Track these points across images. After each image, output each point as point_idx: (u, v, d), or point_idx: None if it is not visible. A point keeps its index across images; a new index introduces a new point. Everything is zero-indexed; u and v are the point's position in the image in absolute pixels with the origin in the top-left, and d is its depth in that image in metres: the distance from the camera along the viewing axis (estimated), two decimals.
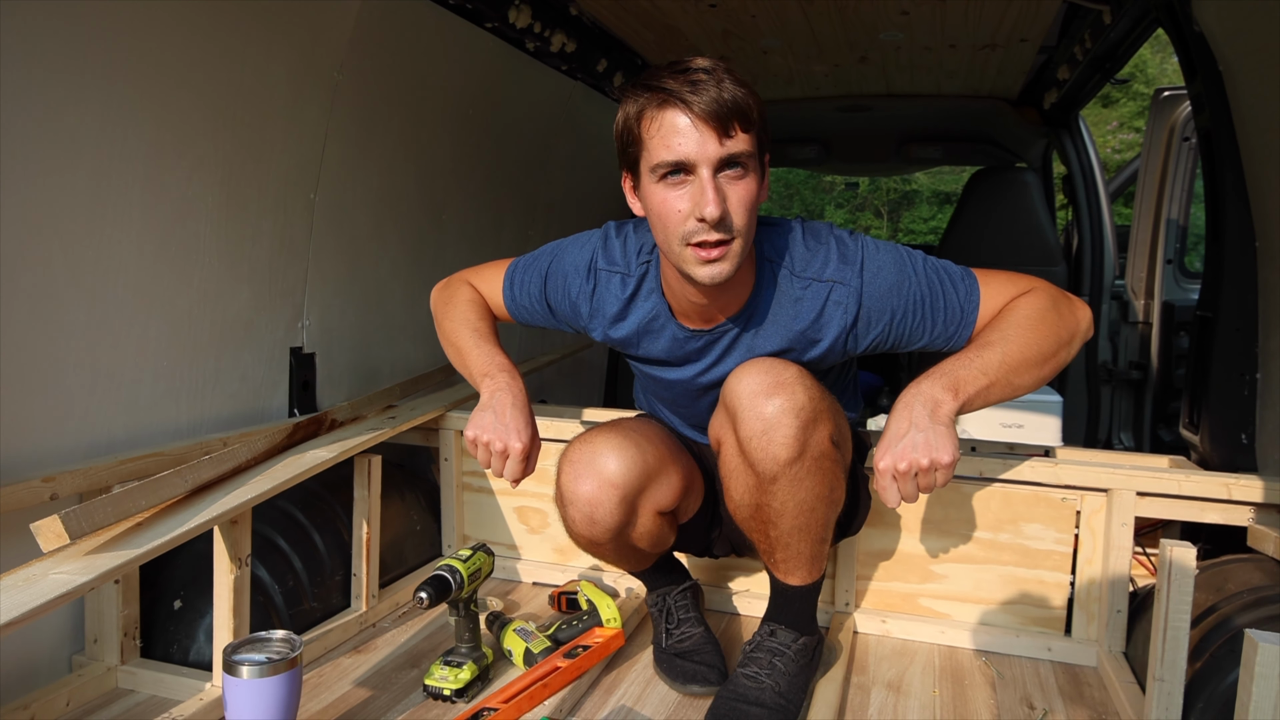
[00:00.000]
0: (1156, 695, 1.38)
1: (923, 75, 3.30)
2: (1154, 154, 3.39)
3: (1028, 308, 1.36)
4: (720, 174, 1.25)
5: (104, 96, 1.54)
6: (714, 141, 1.22)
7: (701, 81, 1.22)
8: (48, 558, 1.28)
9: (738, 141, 1.23)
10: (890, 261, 1.40)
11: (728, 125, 1.22)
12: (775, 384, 1.34)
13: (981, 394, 1.27)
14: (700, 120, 1.21)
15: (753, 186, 1.27)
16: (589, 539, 1.55)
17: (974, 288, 1.41)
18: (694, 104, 1.21)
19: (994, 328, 1.35)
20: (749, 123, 1.24)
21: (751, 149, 1.25)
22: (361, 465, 1.89)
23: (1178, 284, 3.42)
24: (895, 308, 1.40)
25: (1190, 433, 2.10)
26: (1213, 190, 1.97)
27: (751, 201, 1.27)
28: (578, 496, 1.50)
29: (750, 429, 1.35)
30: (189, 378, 1.81)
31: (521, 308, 1.63)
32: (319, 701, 1.56)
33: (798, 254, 1.41)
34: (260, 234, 1.95)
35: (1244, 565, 1.65)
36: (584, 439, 1.54)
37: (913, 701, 1.61)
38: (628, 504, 1.50)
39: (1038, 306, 1.36)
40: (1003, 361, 1.29)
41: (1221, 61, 1.81)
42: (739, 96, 1.22)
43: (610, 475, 1.48)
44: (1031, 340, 1.31)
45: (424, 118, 2.45)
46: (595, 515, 1.50)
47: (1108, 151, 12.09)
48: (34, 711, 1.45)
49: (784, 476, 1.36)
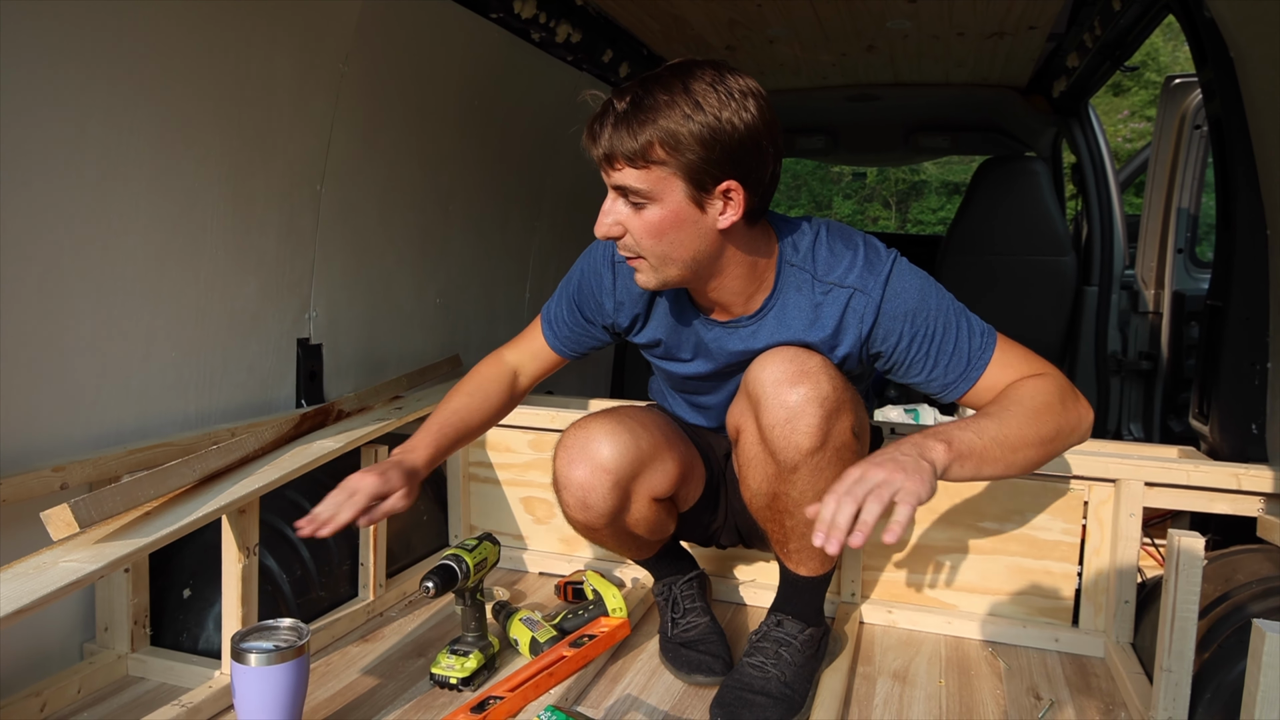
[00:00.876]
0: (1164, 686, 1.37)
1: (931, 64, 3.27)
2: (1164, 142, 3.36)
3: (1037, 390, 1.29)
4: (622, 199, 1.30)
5: (110, 89, 1.55)
6: (607, 170, 1.30)
7: (605, 116, 1.28)
8: (57, 546, 1.29)
9: (623, 175, 1.27)
10: (915, 286, 1.37)
11: (612, 161, 1.27)
12: (800, 372, 1.34)
13: (976, 456, 1.19)
14: (597, 155, 1.30)
15: (654, 216, 1.28)
16: (584, 524, 1.57)
17: (990, 346, 1.36)
18: (590, 135, 1.30)
19: (999, 403, 1.29)
20: (637, 159, 1.25)
21: (644, 185, 1.26)
22: (369, 456, 1.90)
23: (1188, 273, 3.40)
24: (905, 332, 1.36)
25: (1200, 423, 2.09)
26: (1223, 178, 1.95)
27: (653, 231, 1.29)
28: (571, 481, 1.52)
29: (773, 417, 1.35)
30: (197, 368, 1.82)
31: (565, 340, 1.63)
32: (327, 690, 1.57)
33: (821, 257, 1.40)
34: (267, 225, 1.96)
35: (1253, 555, 1.64)
36: (579, 425, 1.56)
37: (919, 692, 1.61)
38: (621, 489, 1.51)
39: (1047, 392, 1.29)
40: (1000, 435, 1.22)
41: (1233, 48, 1.79)
42: (627, 140, 1.24)
43: (603, 460, 1.49)
44: (1033, 423, 1.25)
45: (430, 109, 2.45)
46: (588, 500, 1.51)
47: (1118, 140, 12.00)
48: (46, 699, 1.46)
49: (805, 466, 1.36)
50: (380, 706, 1.52)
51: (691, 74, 1.25)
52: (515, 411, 2.16)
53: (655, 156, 1.24)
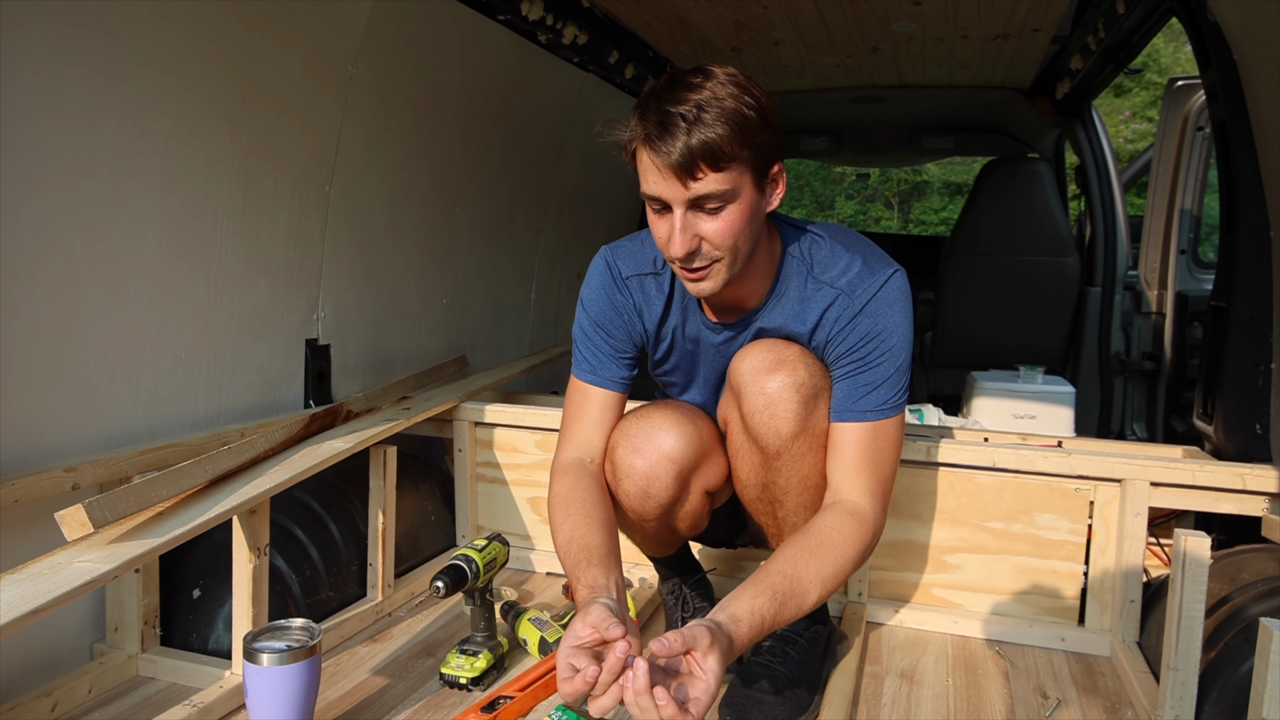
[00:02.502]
0: (1171, 685, 1.38)
1: (935, 66, 3.29)
2: (1167, 144, 3.37)
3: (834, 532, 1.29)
4: (693, 211, 1.25)
5: (122, 91, 1.56)
6: (680, 187, 1.23)
7: (674, 126, 1.20)
8: (71, 546, 1.29)
9: (706, 183, 1.22)
10: (894, 324, 1.37)
11: (693, 170, 1.21)
12: (777, 361, 1.37)
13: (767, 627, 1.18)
14: (666, 169, 1.22)
15: (734, 215, 1.26)
16: (639, 515, 1.51)
17: (885, 414, 1.37)
18: (659, 151, 1.21)
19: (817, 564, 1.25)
20: (720, 160, 1.21)
21: (726, 186, 1.23)
22: (377, 456, 1.91)
23: (1191, 274, 3.41)
24: (857, 345, 1.38)
25: (1204, 423, 2.09)
26: (1227, 180, 1.96)
27: (733, 229, 1.26)
28: (634, 470, 1.48)
29: (753, 404, 1.38)
30: (207, 369, 1.83)
31: (611, 379, 1.53)
32: (337, 690, 1.58)
33: (820, 257, 1.42)
34: (276, 226, 1.97)
35: (1258, 555, 1.65)
36: (640, 414, 1.53)
37: (926, 690, 1.62)
38: (682, 480, 1.49)
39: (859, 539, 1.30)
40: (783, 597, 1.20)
41: (1236, 51, 1.80)
42: (710, 140, 1.20)
43: (669, 450, 1.47)
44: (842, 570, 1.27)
45: (437, 110, 2.46)
46: (651, 490, 1.48)
47: (1120, 141, 12.00)
48: (57, 699, 1.47)
49: (787, 451, 1.38)
50: (390, 706, 1.53)
51: (704, 73, 1.25)
52: (522, 411, 2.19)
53: (732, 152, 1.22)
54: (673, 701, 1.03)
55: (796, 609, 1.21)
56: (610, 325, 1.52)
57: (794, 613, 1.21)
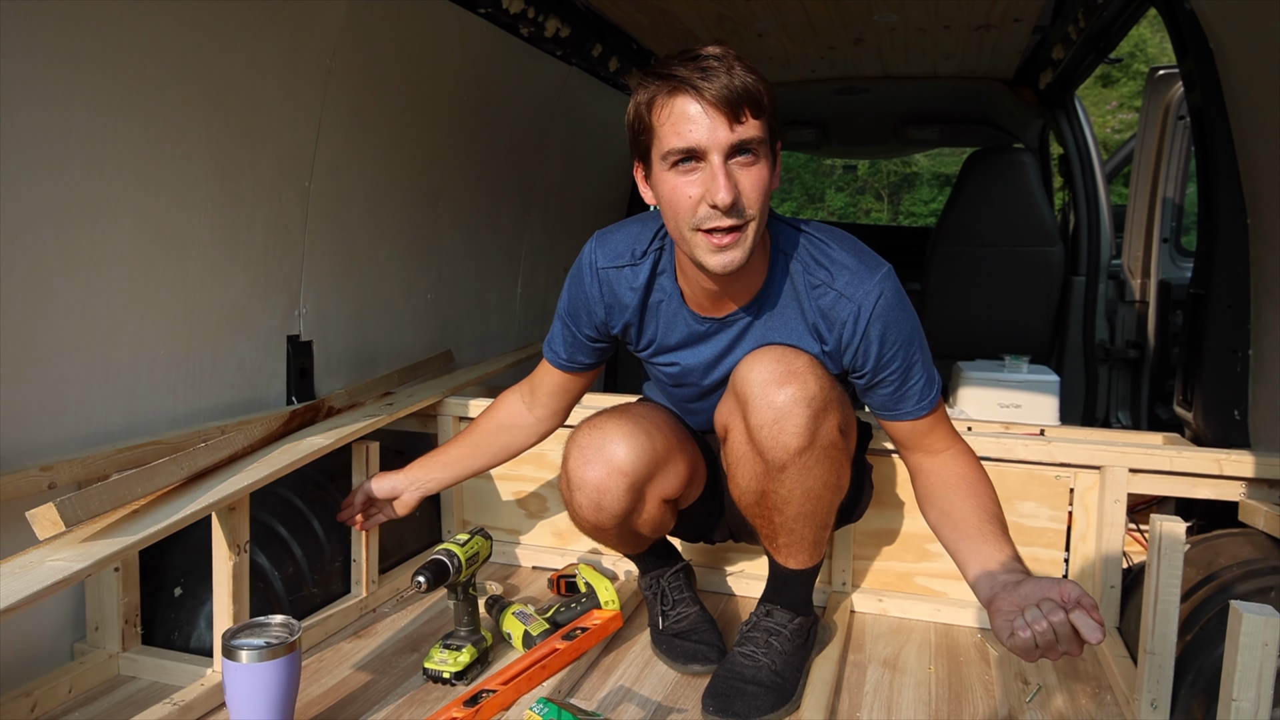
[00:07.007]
0: (1148, 668, 1.39)
1: (918, 57, 3.29)
2: (1149, 133, 3.38)
3: (979, 478, 1.43)
4: (731, 160, 1.24)
5: (97, 85, 1.54)
6: (725, 128, 1.21)
7: (712, 68, 1.21)
8: (44, 545, 1.29)
9: (749, 127, 1.22)
10: (907, 327, 1.40)
11: (738, 111, 1.21)
12: (787, 373, 1.34)
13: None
14: (711, 107, 1.21)
15: (764, 172, 1.26)
16: (594, 524, 1.54)
17: (936, 399, 1.45)
18: (705, 90, 1.20)
19: (990, 508, 1.37)
20: (760, 108, 1.23)
21: (762, 135, 1.24)
22: (359, 452, 1.90)
23: (1174, 262, 3.42)
24: (876, 353, 1.39)
25: (1184, 410, 2.11)
26: (1204, 168, 1.97)
27: (764, 187, 1.26)
28: (585, 482, 1.49)
29: (761, 417, 1.35)
30: (186, 366, 1.82)
31: (572, 362, 1.62)
32: (319, 686, 1.58)
33: (812, 255, 1.41)
34: (255, 222, 1.96)
35: (1235, 539, 1.66)
36: (592, 424, 1.53)
37: (908, 678, 1.63)
38: (635, 491, 1.49)
39: (982, 477, 1.43)
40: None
41: (1212, 39, 1.80)
42: (749, 83, 1.22)
43: (619, 463, 1.47)
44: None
45: (419, 104, 2.45)
46: (603, 502, 1.49)
47: (1107, 131, 12.04)
48: (36, 699, 1.46)
49: (793, 465, 1.36)
50: (373, 702, 1.53)
51: (718, 46, 1.26)
52: None
53: (765, 104, 1.23)
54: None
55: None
56: (577, 315, 1.55)
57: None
